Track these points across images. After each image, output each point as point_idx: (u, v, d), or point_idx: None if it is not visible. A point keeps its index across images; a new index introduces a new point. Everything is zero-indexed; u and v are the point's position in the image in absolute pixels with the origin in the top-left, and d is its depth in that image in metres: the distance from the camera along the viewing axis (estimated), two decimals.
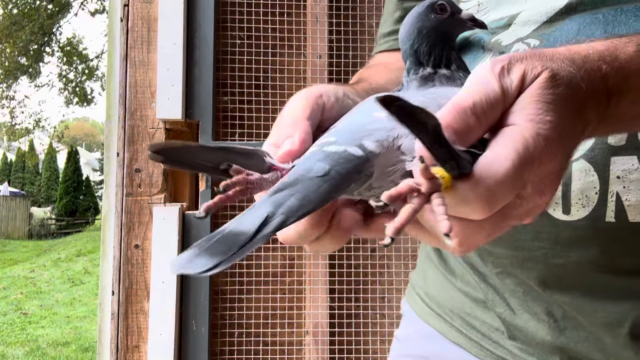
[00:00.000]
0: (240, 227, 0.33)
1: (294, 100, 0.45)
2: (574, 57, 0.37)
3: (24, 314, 7.36)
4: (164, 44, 1.36)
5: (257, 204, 0.35)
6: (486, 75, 0.35)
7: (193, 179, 1.49)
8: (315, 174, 0.35)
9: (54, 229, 18.32)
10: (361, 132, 0.38)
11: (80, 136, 49.11)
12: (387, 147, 0.37)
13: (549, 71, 0.35)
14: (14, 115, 15.55)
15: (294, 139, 0.41)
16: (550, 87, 0.34)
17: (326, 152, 0.37)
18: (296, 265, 1.51)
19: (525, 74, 0.35)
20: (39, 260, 11.94)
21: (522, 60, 0.35)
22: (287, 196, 0.34)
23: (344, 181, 0.35)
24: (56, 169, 23.81)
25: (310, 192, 0.34)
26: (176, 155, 0.37)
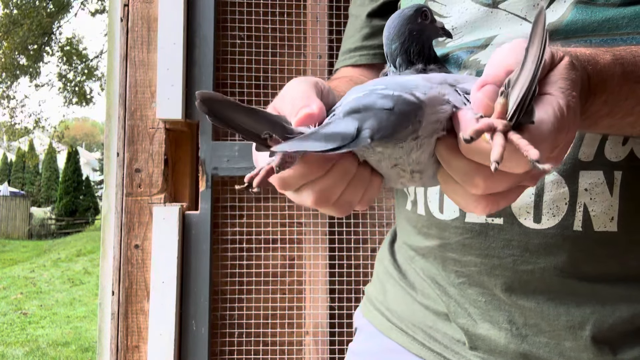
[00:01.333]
0: (337, 129, 0.35)
1: (296, 84, 0.46)
2: (572, 52, 0.43)
3: (24, 314, 7.36)
4: (164, 43, 1.36)
5: (336, 119, 0.37)
6: (522, 47, 0.38)
7: (193, 179, 1.49)
8: (382, 107, 0.36)
9: (54, 229, 18.32)
10: (408, 85, 0.39)
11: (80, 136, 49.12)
12: (434, 97, 0.39)
13: (569, 57, 0.40)
14: (14, 115, 15.55)
15: (312, 106, 0.41)
16: (572, 69, 0.39)
17: (382, 93, 0.38)
18: (296, 265, 1.51)
19: (554, 55, 0.40)
20: (39, 260, 11.94)
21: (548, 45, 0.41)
22: (366, 117, 0.36)
23: (406, 120, 0.37)
24: (56, 169, 23.82)
25: (383, 120, 0.36)
26: (219, 109, 0.37)
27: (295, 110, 0.42)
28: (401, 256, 0.74)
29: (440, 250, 0.64)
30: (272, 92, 1.54)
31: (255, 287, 1.49)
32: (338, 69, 0.81)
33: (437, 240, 0.64)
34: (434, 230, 0.64)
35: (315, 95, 0.44)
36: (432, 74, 0.45)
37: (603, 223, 0.56)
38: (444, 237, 0.63)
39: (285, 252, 1.51)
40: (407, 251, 0.72)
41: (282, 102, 0.45)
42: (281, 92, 0.47)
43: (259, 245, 1.51)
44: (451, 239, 0.62)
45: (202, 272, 1.35)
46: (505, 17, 0.59)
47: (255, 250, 1.51)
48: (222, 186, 1.51)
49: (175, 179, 1.47)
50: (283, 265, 1.51)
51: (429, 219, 0.65)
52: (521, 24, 0.58)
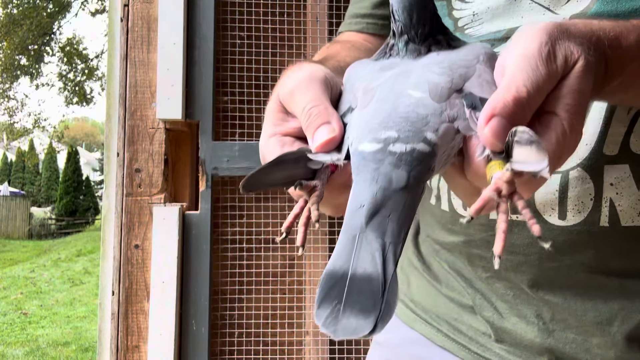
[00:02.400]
0: (361, 268, 0.33)
1: (305, 82, 0.43)
2: (592, 38, 0.40)
3: (24, 314, 7.36)
4: (164, 44, 1.36)
5: (357, 234, 0.35)
6: (535, 58, 0.37)
7: (193, 179, 1.49)
8: (398, 186, 0.35)
9: (54, 229, 18.32)
10: (418, 122, 0.38)
11: (81, 136, 49.13)
12: (445, 134, 0.37)
13: (584, 59, 0.38)
14: (13, 115, 15.55)
15: (333, 126, 0.40)
16: (585, 75, 0.38)
17: (395, 153, 0.37)
18: (296, 265, 1.51)
19: (567, 60, 0.38)
20: (39, 260, 11.94)
21: (562, 43, 0.38)
22: (385, 220, 0.35)
23: (421, 184, 0.36)
24: (56, 169, 23.82)
25: (401, 211, 0.35)
26: (255, 182, 0.39)
27: (312, 125, 0.40)
28: (425, 249, 0.74)
29: (465, 246, 0.64)
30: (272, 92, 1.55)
31: (255, 287, 1.49)
32: (342, 32, 0.78)
33: (461, 237, 0.64)
34: (458, 226, 0.64)
35: (329, 102, 0.42)
36: (437, 70, 0.42)
37: (630, 217, 0.54)
38: (469, 233, 0.63)
39: (285, 252, 1.51)
40: (431, 244, 0.72)
41: (290, 100, 0.43)
42: (287, 84, 0.44)
43: (259, 245, 1.51)
44: (475, 235, 0.62)
45: (202, 272, 1.35)
46: (529, 6, 0.58)
47: (255, 250, 1.51)
48: (222, 186, 1.51)
49: (175, 179, 1.47)
50: (283, 265, 1.51)
51: (452, 215, 0.65)
52: (544, 14, 0.56)
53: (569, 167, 0.55)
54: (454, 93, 0.39)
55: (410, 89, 0.40)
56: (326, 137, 0.39)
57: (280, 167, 0.40)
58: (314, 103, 0.41)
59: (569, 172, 0.55)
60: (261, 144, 0.45)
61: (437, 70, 0.41)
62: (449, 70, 0.41)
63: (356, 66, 0.48)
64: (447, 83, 0.40)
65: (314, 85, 0.43)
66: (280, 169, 0.40)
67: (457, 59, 0.42)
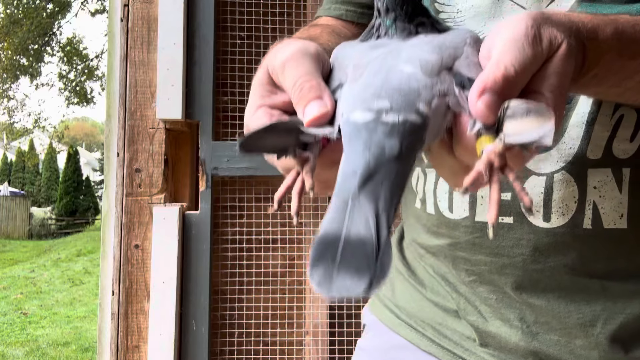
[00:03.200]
0: (354, 232, 0.34)
1: (297, 55, 0.43)
2: (572, 27, 0.42)
3: (24, 314, 7.36)
4: (164, 44, 1.36)
5: (349, 199, 0.35)
6: (521, 41, 0.39)
7: (193, 179, 1.49)
8: (391, 155, 0.36)
9: (54, 229, 18.33)
10: (410, 94, 0.38)
11: (81, 136, 49.15)
12: (437, 108, 0.38)
13: (567, 43, 0.40)
14: (13, 115, 15.55)
15: (325, 101, 0.40)
16: (568, 58, 0.39)
17: (388, 123, 0.37)
18: (296, 265, 1.51)
19: (552, 43, 0.39)
20: (39, 260, 11.95)
21: (546, 28, 0.40)
22: (378, 187, 0.35)
23: (413, 154, 0.37)
24: (56, 169, 23.82)
25: (394, 179, 0.35)
26: (250, 143, 0.39)
27: (303, 99, 0.40)
28: (410, 254, 0.74)
29: (450, 249, 0.64)
30: None
31: (255, 287, 1.49)
32: (320, 16, 0.77)
33: (447, 239, 0.64)
34: (444, 229, 0.64)
35: (321, 78, 0.42)
36: (427, 48, 0.42)
37: (613, 220, 0.56)
38: (454, 236, 0.63)
39: (285, 252, 1.52)
40: (416, 249, 0.72)
41: (281, 73, 0.43)
42: (278, 56, 0.44)
43: (259, 245, 1.51)
44: (461, 237, 0.62)
45: (202, 272, 1.35)
46: (510, 8, 0.59)
47: (255, 250, 1.51)
48: (222, 186, 1.51)
49: (176, 179, 1.47)
50: (283, 265, 1.51)
51: (438, 217, 0.65)
52: None
53: (554, 169, 0.56)
54: (444, 70, 0.40)
55: (401, 64, 0.40)
56: (318, 112, 0.39)
57: (272, 133, 0.40)
58: (305, 77, 0.41)
59: (553, 174, 0.57)
60: (247, 115, 0.44)
61: (427, 49, 0.42)
62: (438, 49, 0.42)
63: (344, 46, 0.48)
64: (438, 60, 0.41)
65: (306, 60, 0.43)
66: (273, 136, 0.40)
67: (445, 41, 0.43)
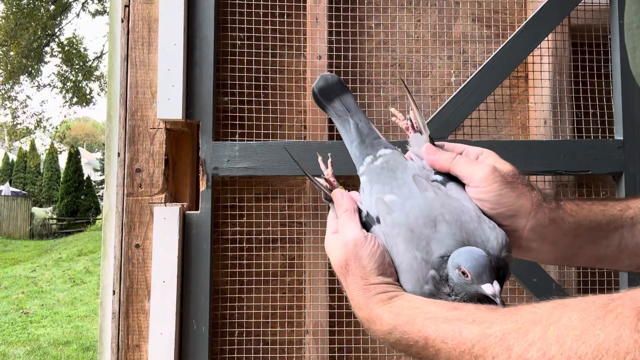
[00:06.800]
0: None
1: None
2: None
3: (25, 313, 7.36)
4: (164, 44, 1.37)
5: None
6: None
7: (193, 179, 1.49)
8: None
9: (55, 229, 18.34)
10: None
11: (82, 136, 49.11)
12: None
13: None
14: (16, 116, 15.56)
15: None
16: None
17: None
18: (296, 265, 1.51)
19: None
20: (40, 260, 11.95)
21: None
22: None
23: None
24: (57, 169, 23.83)
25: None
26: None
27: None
28: None
29: None
30: (272, 92, 1.55)
31: (255, 287, 1.50)
32: None
33: None
34: None
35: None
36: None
37: None
38: None
39: (285, 252, 1.52)
40: None
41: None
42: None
43: (259, 245, 1.52)
44: None
45: (203, 272, 1.36)
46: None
47: (255, 250, 1.51)
48: (223, 186, 1.51)
49: (176, 179, 1.47)
50: (283, 265, 1.52)
51: None
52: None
53: None
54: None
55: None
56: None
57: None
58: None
59: None
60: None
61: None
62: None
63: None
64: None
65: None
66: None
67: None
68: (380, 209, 0.63)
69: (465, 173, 0.64)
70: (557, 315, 0.43)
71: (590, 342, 0.39)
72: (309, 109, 1.52)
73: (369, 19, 1.58)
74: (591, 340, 0.39)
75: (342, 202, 0.67)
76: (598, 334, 0.39)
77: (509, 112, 1.59)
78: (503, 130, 1.58)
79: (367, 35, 1.57)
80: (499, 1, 1.60)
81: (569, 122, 1.56)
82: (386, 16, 1.59)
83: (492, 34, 1.60)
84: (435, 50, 1.58)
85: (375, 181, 0.67)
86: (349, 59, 1.55)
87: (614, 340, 0.37)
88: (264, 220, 1.52)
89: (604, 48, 1.57)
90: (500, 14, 1.60)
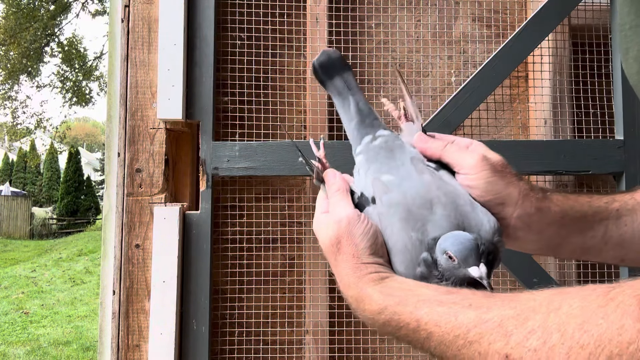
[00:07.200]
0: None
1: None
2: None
3: (25, 313, 7.37)
4: (164, 44, 1.37)
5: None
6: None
7: (194, 179, 1.49)
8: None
9: (55, 229, 18.34)
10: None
11: (82, 136, 49.13)
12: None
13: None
14: (16, 116, 15.57)
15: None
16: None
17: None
18: (296, 265, 1.51)
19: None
20: (40, 259, 11.95)
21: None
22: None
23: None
24: (57, 169, 23.83)
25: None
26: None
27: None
28: None
29: None
30: (272, 92, 1.55)
31: (255, 287, 1.50)
32: None
33: None
34: None
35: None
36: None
37: None
38: None
39: (285, 252, 1.52)
40: None
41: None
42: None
43: (259, 245, 1.52)
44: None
45: (203, 272, 1.36)
46: None
47: (255, 250, 1.51)
48: (223, 186, 1.51)
49: (176, 178, 1.47)
50: (283, 265, 1.52)
51: None
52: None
53: None
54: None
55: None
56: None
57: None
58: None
59: None
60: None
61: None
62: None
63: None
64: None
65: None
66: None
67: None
68: (377, 188, 0.63)
69: (456, 160, 0.65)
70: (557, 302, 0.42)
71: (593, 332, 0.38)
72: (309, 109, 1.52)
73: (369, 19, 1.58)
74: (593, 329, 0.38)
75: (334, 181, 0.66)
76: (600, 323, 0.38)
77: (509, 112, 1.59)
78: (503, 130, 1.58)
79: (367, 35, 1.57)
80: (499, 1, 1.60)
81: (569, 122, 1.56)
82: (386, 16, 1.59)
83: (492, 34, 1.60)
84: (435, 50, 1.58)
85: (372, 160, 0.67)
86: (349, 59, 1.55)
87: (617, 330, 0.37)
88: (264, 220, 1.52)
89: (604, 48, 1.57)
90: (500, 14, 1.60)
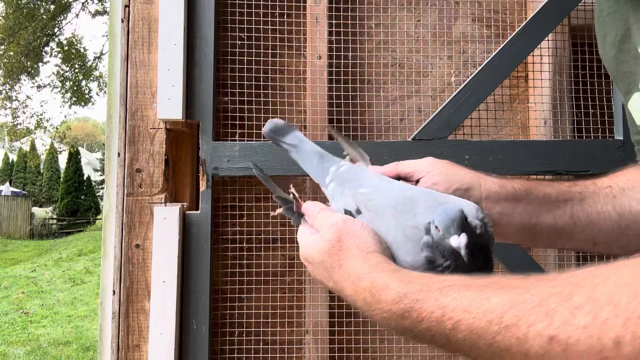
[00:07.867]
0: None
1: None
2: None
3: (26, 313, 7.37)
4: (164, 44, 1.37)
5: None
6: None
7: (194, 179, 1.49)
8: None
9: (55, 229, 18.35)
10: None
11: (82, 136, 49.15)
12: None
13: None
14: (16, 116, 15.57)
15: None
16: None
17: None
18: (296, 265, 1.51)
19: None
20: (40, 259, 11.95)
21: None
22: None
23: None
24: (57, 169, 23.84)
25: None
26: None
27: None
28: None
29: None
30: (272, 92, 1.55)
31: (255, 287, 1.50)
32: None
33: None
34: None
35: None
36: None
37: None
38: None
39: (285, 252, 1.52)
40: None
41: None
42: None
43: (259, 245, 1.52)
44: None
45: (203, 272, 1.36)
46: None
47: (256, 250, 1.51)
48: (223, 186, 1.51)
49: (176, 179, 1.47)
50: (283, 265, 1.52)
51: None
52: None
53: None
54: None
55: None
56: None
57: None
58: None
59: None
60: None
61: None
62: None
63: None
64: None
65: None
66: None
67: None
68: (359, 199, 0.67)
69: (412, 168, 0.72)
70: (601, 275, 0.37)
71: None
72: (309, 109, 1.52)
73: (369, 19, 1.58)
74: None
75: (314, 207, 0.69)
76: None
77: (509, 112, 1.59)
78: (503, 130, 1.58)
79: (367, 35, 1.57)
80: (499, 1, 1.60)
81: (569, 122, 1.56)
82: (386, 16, 1.59)
83: (492, 34, 1.60)
84: (435, 50, 1.58)
85: (345, 181, 0.72)
86: (349, 59, 1.55)
87: None
88: (264, 220, 1.52)
89: None
90: (500, 14, 1.61)
